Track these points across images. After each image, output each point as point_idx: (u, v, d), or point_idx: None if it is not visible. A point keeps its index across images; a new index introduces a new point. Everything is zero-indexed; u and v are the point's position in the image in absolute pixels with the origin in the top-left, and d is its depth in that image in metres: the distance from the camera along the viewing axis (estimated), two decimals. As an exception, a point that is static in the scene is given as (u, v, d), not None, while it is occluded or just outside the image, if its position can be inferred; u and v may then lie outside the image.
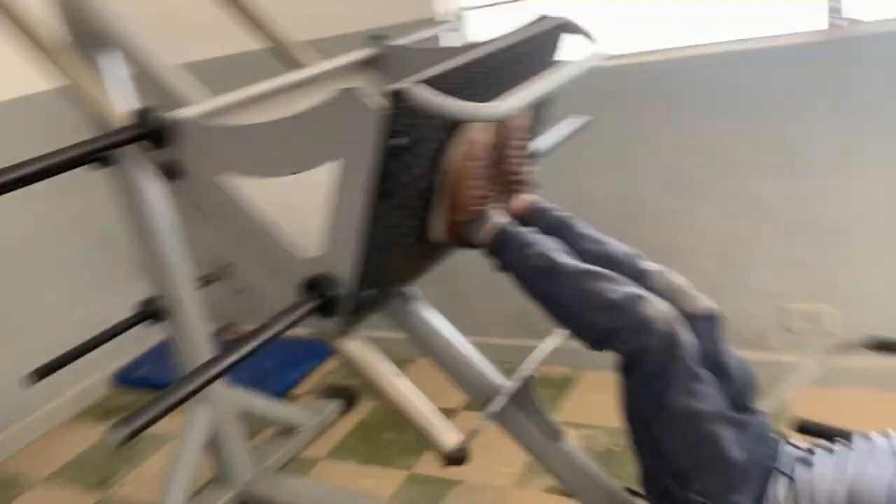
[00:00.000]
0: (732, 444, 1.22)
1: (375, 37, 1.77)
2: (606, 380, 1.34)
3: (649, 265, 1.37)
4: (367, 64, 1.76)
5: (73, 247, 2.98)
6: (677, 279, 1.36)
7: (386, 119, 1.02)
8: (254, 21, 1.82)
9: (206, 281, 2.19)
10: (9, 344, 2.69)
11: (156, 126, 1.24)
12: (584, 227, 1.40)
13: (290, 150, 1.15)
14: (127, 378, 3.18)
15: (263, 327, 1.15)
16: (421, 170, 1.21)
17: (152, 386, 2.97)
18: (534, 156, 1.52)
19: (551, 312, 1.29)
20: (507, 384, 1.52)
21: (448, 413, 1.31)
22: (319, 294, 1.19)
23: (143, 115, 1.25)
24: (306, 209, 1.22)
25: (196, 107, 1.30)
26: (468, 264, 1.40)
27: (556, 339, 1.51)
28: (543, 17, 1.47)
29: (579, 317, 1.25)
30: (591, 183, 2.40)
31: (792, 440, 1.33)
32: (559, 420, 1.55)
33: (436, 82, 1.06)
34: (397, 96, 1.01)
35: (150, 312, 2.02)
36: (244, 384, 2.69)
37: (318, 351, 3.07)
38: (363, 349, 1.35)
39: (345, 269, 1.18)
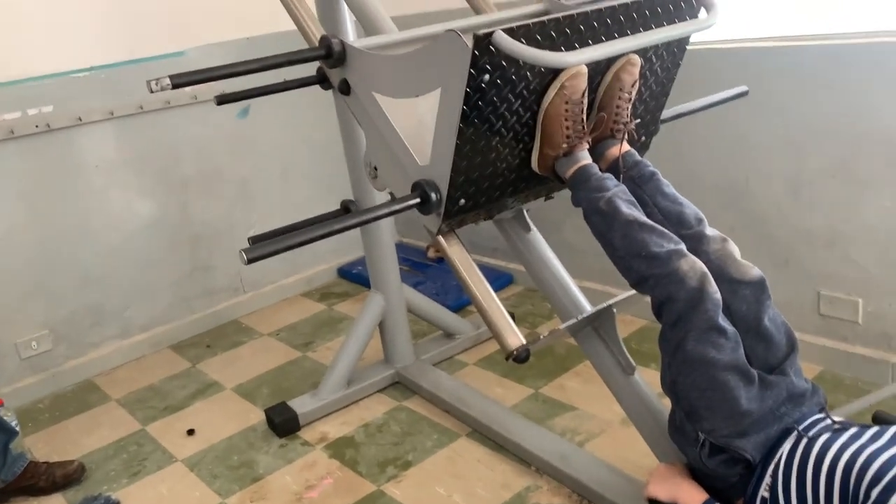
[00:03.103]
0: (745, 395, 1.32)
1: (550, -7, 1.98)
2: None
3: (712, 231, 1.49)
4: (538, 17, 1.99)
5: (320, 154, 3.58)
6: (732, 247, 1.47)
7: (472, 57, 1.28)
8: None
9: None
10: (270, 224, 3.32)
11: (332, 49, 1.61)
12: (666, 187, 1.54)
13: (410, 76, 1.45)
14: (347, 272, 3.80)
15: (375, 208, 1.49)
16: (518, 107, 1.44)
17: (364, 282, 3.53)
18: (638, 112, 1.66)
19: (603, 248, 1.48)
20: (588, 309, 1.72)
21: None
22: (420, 194, 1.50)
23: (324, 39, 1.63)
24: (428, 128, 1.52)
25: (365, 39, 1.65)
26: (576, 215, 1.59)
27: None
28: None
29: (623, 259, 1.43)
30: (758, 158, 2.40)
31: (831, 414, 1.38)
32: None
33: (520, 31, 1.29)
34: (481, 39, 1.26)
35: (346, 210, 2.47)
36: (427, 293, 3.11)
37: (501, 279, 3.41)
38: (462, 253, 1.64)
39: (441, 178, 1.47)
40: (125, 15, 2.95)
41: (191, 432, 2.58)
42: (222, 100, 2.12)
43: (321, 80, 1.92)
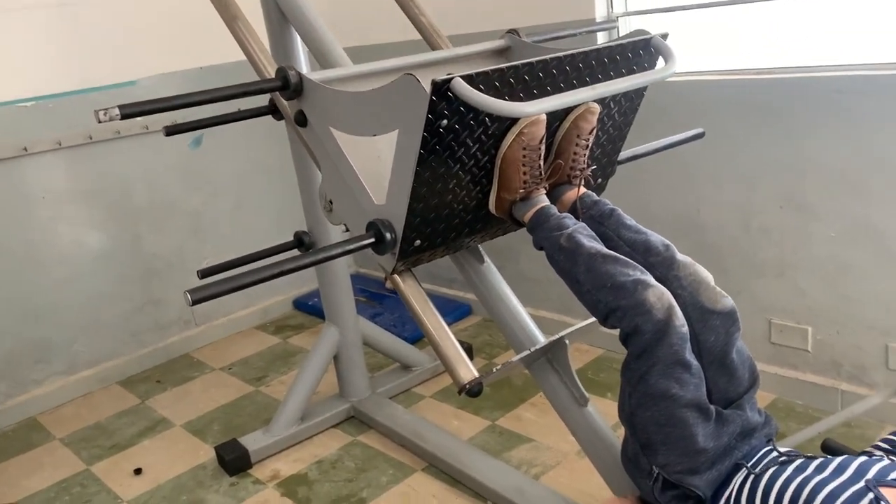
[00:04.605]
0: (702, 432, 1.33)
1: (511, 31, 2.00)
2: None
3: (682, 257, 1.49)
4: (499, 53, 2.01)
5: (274, 184, 3.54)
6: (704, 273, 1.47)
7: (430, 103, 1.28)
8: (407, 12, 2.13)
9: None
10: (223, 255, 3.25)
11: (288, 80, 1.59)
12: (628, 219, 1.55)
13: (368, 116, 1.44)
14: (303, 304, 3.75)
15: (328, 247, 1.47)
16: (476, 151, 1.44)
17: (320, 314, 3.48)
18: (595, 155, 1.69)
19: (569, 286, 1.47)
20: (541, 340, 1.71)
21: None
22: (375, 233, 1.49)
23: (281, 70, 1.61)
24: (386, 164, 1.51)
25: (322, 72, 1.64)
26: (531, 245, 1.60)
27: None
28: (634, 32, 1.62)
29: (590, 292, 1.42)
30: (709, 190, 2.46)
31: (779, 445, 1.40)
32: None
33: (479, 78, 1.30)
34: (439, 86, 1.26)
35: (300, 242, 2.44)
36: (385, 325, 3.09)
37: (460, 310, 3.40)
38: (416, 289, 1.63)
39: (397, 219, 1.46)
40: (74, 43, 2.89)
41: (138, 472, 2.50)
42: (171, 131, 2.07)
43: (273, 110, 1.91)
